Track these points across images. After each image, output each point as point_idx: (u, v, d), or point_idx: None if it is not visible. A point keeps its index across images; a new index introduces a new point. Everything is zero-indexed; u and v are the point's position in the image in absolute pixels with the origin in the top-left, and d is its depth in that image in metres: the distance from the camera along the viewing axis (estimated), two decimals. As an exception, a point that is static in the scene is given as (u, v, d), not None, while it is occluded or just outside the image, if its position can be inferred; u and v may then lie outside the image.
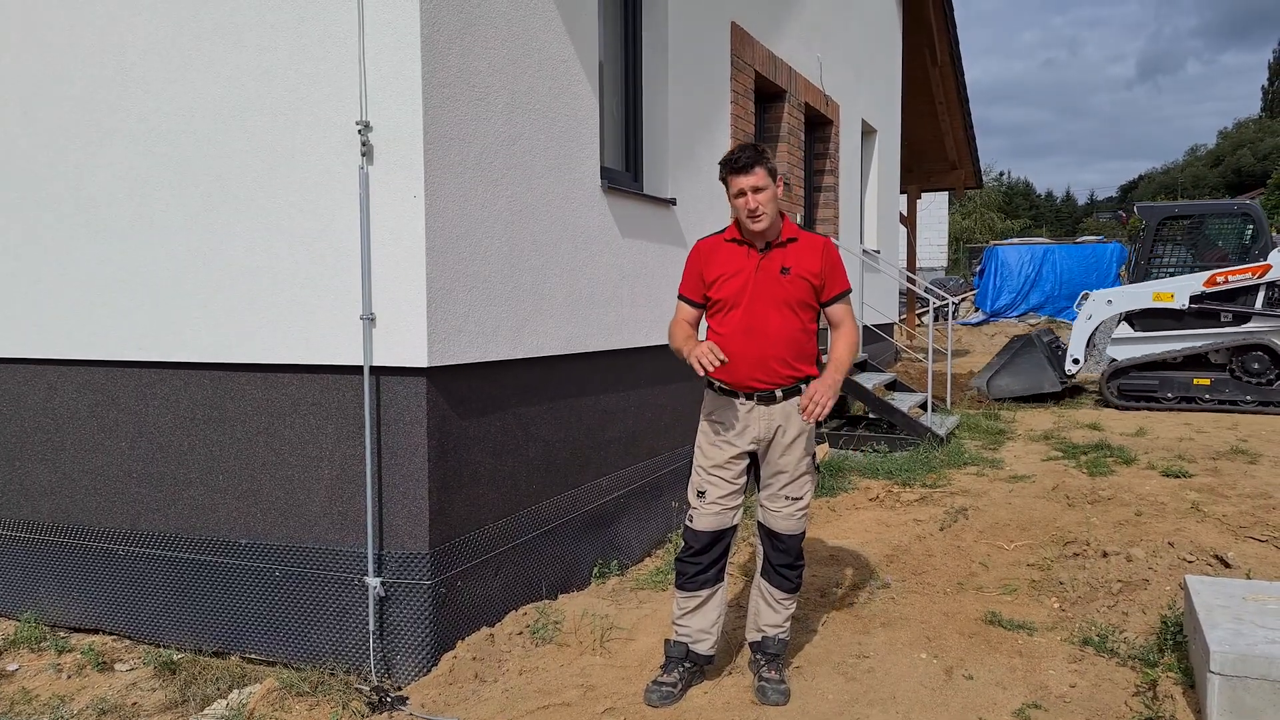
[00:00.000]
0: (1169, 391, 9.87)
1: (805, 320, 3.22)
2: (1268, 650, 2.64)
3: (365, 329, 3.48)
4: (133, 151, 3.91)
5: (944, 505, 5.74)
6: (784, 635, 3.36)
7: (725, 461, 3.23)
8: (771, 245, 3.20)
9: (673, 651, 3.31)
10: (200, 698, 3.49)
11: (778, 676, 3.28)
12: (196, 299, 3.82)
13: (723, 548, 3.27)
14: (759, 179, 3.10)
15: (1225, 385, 9.65)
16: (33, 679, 3.77)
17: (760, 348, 3.16)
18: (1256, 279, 9.48)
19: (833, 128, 9.22)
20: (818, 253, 3.21)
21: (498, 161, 3.84)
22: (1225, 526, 4.99)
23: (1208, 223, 10.29)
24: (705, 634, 3.30)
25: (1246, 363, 9.55)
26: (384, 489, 3.57)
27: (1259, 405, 9.48)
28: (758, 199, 3.09)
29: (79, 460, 4.18)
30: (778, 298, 3.17)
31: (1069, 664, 3.48)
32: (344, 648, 3.66)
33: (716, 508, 3.23)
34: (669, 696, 3.21)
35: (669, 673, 3.29)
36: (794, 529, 3.28)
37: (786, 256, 3.18)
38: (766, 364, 3.17)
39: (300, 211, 3.58)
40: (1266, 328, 9.51)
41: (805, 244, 3.22)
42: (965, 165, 15.64)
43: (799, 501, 3.26)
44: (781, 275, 3.16)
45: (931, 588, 4.36)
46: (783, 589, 3.31)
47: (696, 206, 5.99)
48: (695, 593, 3.26)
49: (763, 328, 3.16)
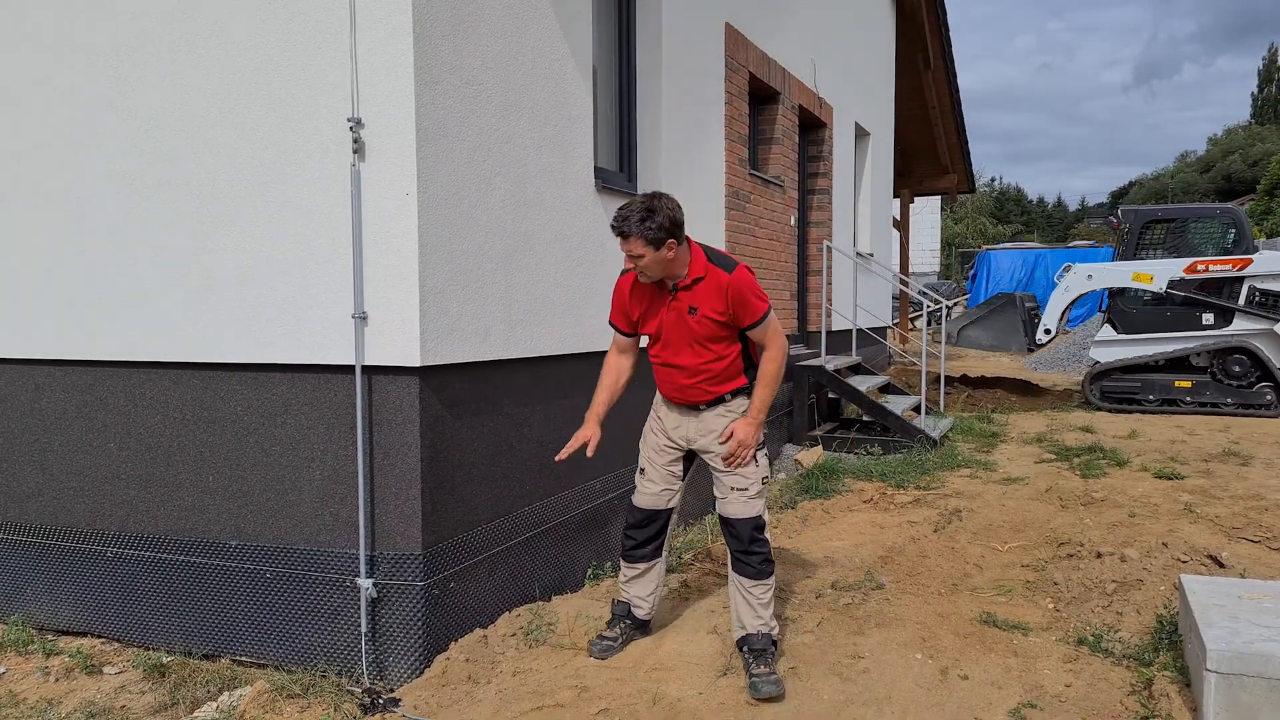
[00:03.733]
0: (1150, 394, 9.93)
1: (720, 350, 3.37)
2: (1264, 648, 2.63)
3: (357, 327, 3.45)
4: (120, 149, 3.88)
5: (938, 507, 5.73)
6: (766, 630, 3.41)
7: (661, 448, 3.57)
8: (678, 287, 3.31)
9: (617, 610, 3.72)
10: (190, 700, 3.45)
11: (767, 670, 3.30)
12: (185, 298, 3.79)
13: (658, 527, 3.60)
14: (633, 248, 3.19)
15: (1206, 388, 9.71)
16: (20, 682, 3.73)
17: (678, 378, 3.43)
18: (1236, 271, 9.51)
19: (826, 130, 9.23)
20: (721, 293, 3.28)
21: (491, 160, 3.82)
22: (1218, 527, 4.99)
23: (1191, 226, 10.35)
24: (643, 601, 3.68)
25: (1228, 365, 9.61)
26: (376, 489, 3.54)
27: (1240, 408, 9.54)
28: (638, 264, 3.23)
29: (67, 461, 4.14)
30: (688, 336, 3.34)
31: (1064, 664, 3.47)
32: (336, 650, 3.62)
33: (655, 488, 3.58)
34: (609, 649, 3.60)
35: (612, 629, 3.68)
36: (742, 513, 3.42)
37: (694, 297, 3.30)
38: (684, 391, 3.44)
39: (291, 209, 3.56)
40: (1247, 330, 9.56)
41: (711, 283, 3.29)
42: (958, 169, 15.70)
43: (745, 491, 3.42)
44: (690, 315, 3.30)
45: (926, 589, 4.35)
46: (746, 575, 3.43)
47: (690, 207, 5.97)
48: (635, 564, 3.65)
49: (678, 362, 3.39)
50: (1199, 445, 7.75)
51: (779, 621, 3.91)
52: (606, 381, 3.55)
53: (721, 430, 3.42)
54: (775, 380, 3.38)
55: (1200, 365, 9.81)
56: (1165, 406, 9.86)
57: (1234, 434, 8.34)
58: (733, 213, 6.70)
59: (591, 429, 3.49)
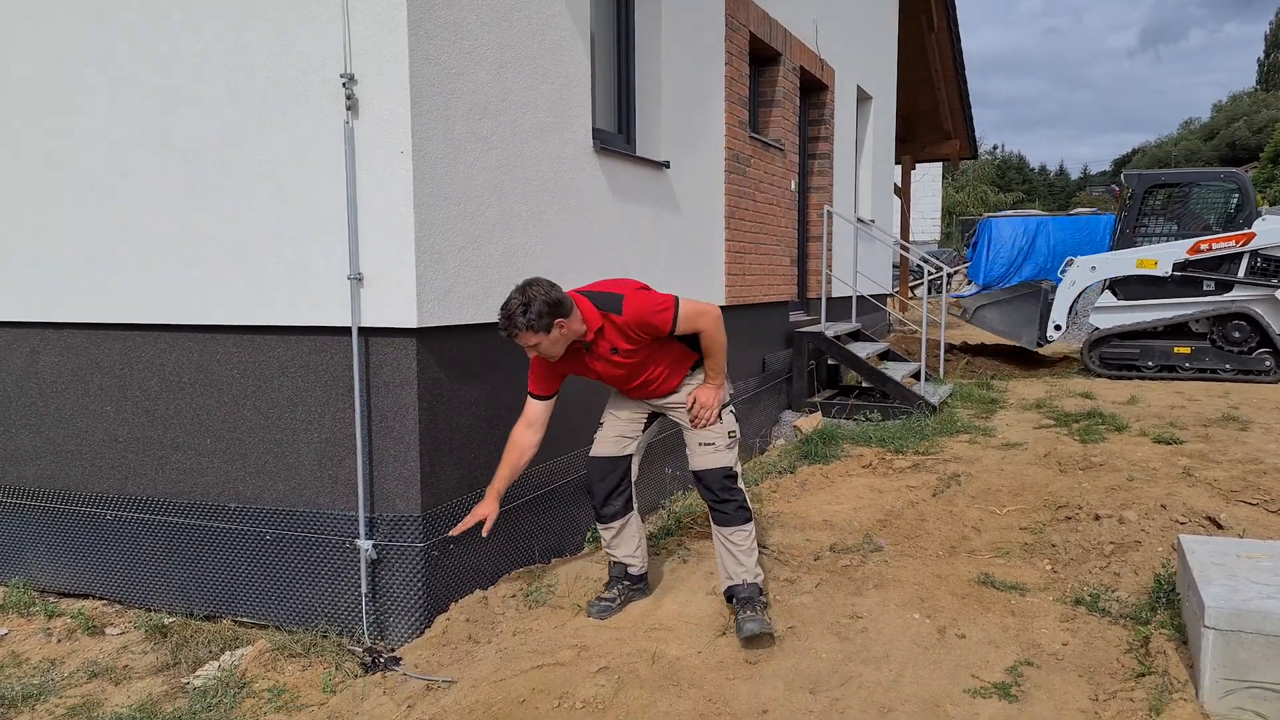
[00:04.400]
0: (1150, 360, 9.92)
1: (659, 359, 3.47)
2: (1262, 605, 2.64)
3: (353, 289, 3.42)
4: (112, 108, 3.82)
5: (936, 472, 5.74)
6: (751, 578, 3.49)
7: (623, 403, 3.67)
8: (588, 345, 3.36)
9: (614, 571, 3.76)
10: (192, 660, 3.47)
11: (753, 613, 3.37)
12: (179, 259, 3.75)
13: (618, 477, 3.66)
14: (527, 341, 3.21)
15: (1205, 354, 9.70)
16: (23, 643, 3.75)
17: (636, 394, 3.61)
18: (1240, 247, 9.47)
19: (828, 93, 9.13)
20: (624, 334, 3.34)
21: (487, 118, 3.76)
22: (1217, 491, 5.00)
23: (1194, 191, 10.26)
24: (631, 558, 3.72)
25: (1227, 331, 9.60)
26: (374, 452, 3.53)
27: (1238, 373, 9.53)
28: (538, 352, 3.27)
29: (64, 424, 4.13)
30: (624, 369, 3.44)
31: (1061, 623, 3.49)
32: (336, 610, 3.64)
33: (611, 433, 3.66)
34: (607, 610, 3.62)
35: (609, 589, 3.73)
36: (709, 464, 3.53)
37: (607, 343, 3.36)
38: (646, 395, 3.59)
39: (284, 168, 3.51)
40: (1248, 296, 9.52)
41: (610, 330, 3.33)
42: (960, 135, 15.57)
43: (712, 445, 3.53)
44: (615, 355, 3.38)
45: (924, 551, 4.36)
46: (723, 523, 3.53)
47: (690, 170, 5.93)
48: (609, 524, 3.69)
49: (631, 386, 3.54)
50: (1198, 411, 7.75)
51: (779, 584, 3.93)
52: (511, 458, 3.53)
53: (685, 396, 3.55)
54: (720, 348, 3.44)
55: (1200, 331, 9.79)
56: (1164, 373, 9.86)
57: (1233, 399, 8.33)
58: (732, 176, 6.64)
59: (490, 506, 3.51)
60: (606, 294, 3.34)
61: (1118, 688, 2.93)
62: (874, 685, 3.02)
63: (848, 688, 3.02)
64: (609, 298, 3.31)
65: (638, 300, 3.30)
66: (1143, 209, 10.28)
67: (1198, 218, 10.13)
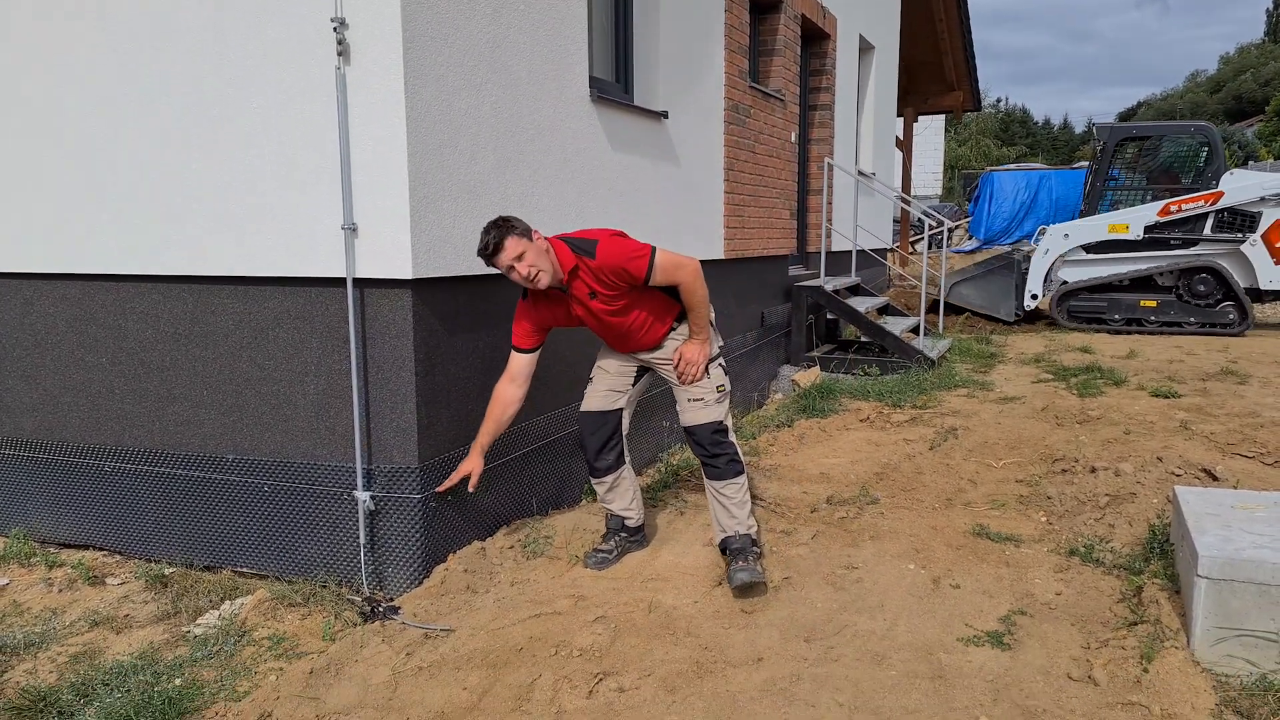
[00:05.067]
0: (1116, 313, 10.07)
1: (641, 304, 3.42)
2: (1255, 555, 2.65)
3: (347, 239, 3.38)
4: (100, 57, 3.74)
5: (934, 426, 5.75)
6: (744, 530, 3.52)
7: (611, 358, 3.66)
8: (565, 286, 3.31)
9: (610, 524, 3.78)
10: (193, 609, 3.50)
11: (745, 563, 3.41)
12: (171, 209, 3.70)
13: (609, 430, 3.65)
14: (513, 250, 3.16)
15: (1171, 307, 9.85)
16: (24, 593, 3.77)
17: (619, 345, 3.59)
18: (1209, 206, 9.58)
19: (830, 42, 8.97)
20: (598, 278, 3.30)
21: (481, 65, 3.69)
22: (1213, 444, 5.01)
23: (1164, 144, 10.35)
24: (627, 510, 3.75)
25: (1193, 285, 9.74)
26: (371, 403, 3.53)
27: (1203, 326, 9.69)
28: (526, 265, 3.18)
29: (60, 376, 4.12)
30: (605, 314, 3.40)
31: (1055, 573, 3.52)
32: (335, 560, 3.66)
33: (601, 388, 3.65)
34: (604, 561, 3.66)
35: (606, 541, 3.76)
36: (698, 420, 3.55)
37: (583, 285, 3.32)
38: (630, 346, 3.57)
39: (276, 116, 3.45)
40: (1214, 251, 9.66)
41: (585, 272, 3.29)
42: (963, 87, 15.34)
43: (701, 400, 3.54)
44: (593, 300, 3.35)
45: (920, 503, 4.38)
46: (715, 477, 3.56)
47: (688, 120, 5.84)
48: (602, 478, 3.69)
49: (612, 335, 3.53)
50: (1197, 364, 7.75)
51: (776, 535, 3.95)
52: (494, 413, 3.52)
53: (672, 352, 3.55)
54: (701, 302, 3.40)
55: (1166, 285, 9.93)
56: (1131, 325, 10.03)
57: (1232, 354, 8.33)
58: (732, 127, 6.55)
59: (475, 461, 3.53)
60: (581, 239, 3.32)
61: (1110, 636, 2.96)
62: (868, 634, 3.05)
63: (842, 636, 3.05)
64: (584, 242, 3.30)
65: (612, 246, 3.28)
66: (1113, 162, 10.36)
67: (1167, 171, 10.24)
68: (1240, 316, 9.59)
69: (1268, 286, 9.49)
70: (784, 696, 2.68)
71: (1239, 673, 2.65)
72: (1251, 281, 9.56)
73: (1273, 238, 9.37)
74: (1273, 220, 9.37)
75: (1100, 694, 2.64)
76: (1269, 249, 9.41)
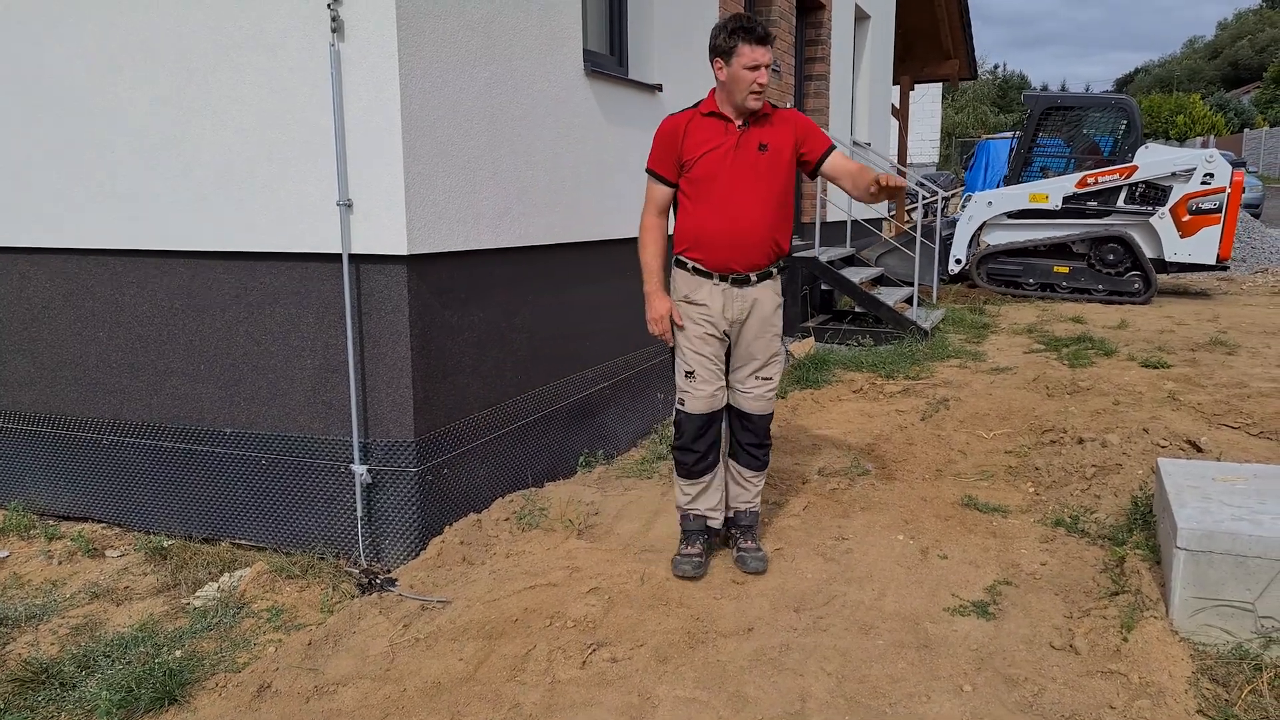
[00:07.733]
0: (1031, 278, 10.46)
1: (784, 197, 3.24)
2: (1232, 527, 2.71)
3: (342, 215, 3.40)
4: (95, 29, 3.72)
5: (926, 396, 5.80)
6: (754, 508, 3.51)
7: (705, 337, 3.24)
8: (750, 123, 3.17)
9: (692, 526, 3.42)
10: (192, 581, 3.55)
11: (754, 545, 3.44)
12: (165, 184, 3.70)
13: (716, 430, 3.34)
14: (771, 55, 3.07)
15: (1082, 274, 10.21)
16: (24, 565, 3.82)
17: (739, 229, 3.15)
18: (1124, 180, 9.93)
19: (825, 12, 8.90)
20: (789, 123, 3.21)
21: (475, 40, 3.68)
22: (1200, 414, 5.07)
23: (1087, 116, 10.67)
24: (714, 511, 3.44)
25: (1103, 254, 10.08)
26: (367, 378, 3.56)
27: (1110, 294, 10.05)
28: (764, 73, 3.06)
29: (57, 350, 4.14)
30: (756, 175, 3.15)
31: (1041, 544, 3.58)
32: (333, 533, 3.71)
33: (709, 388, 3.26)
34: (700, 566, 3.34)
35: (692, 545, 3.40)
36: (764, 409, 3.38)
37: (764, 133, 3.17)
38: (745, 245, 3.18)
39: (271, 92, 3.44)
40: (1125, 221, 10.00)
41: (777, 119, 3.20)
42: (960, 55, 15.22)
43: (770, 382, 3.35)
44: (760, 152, 3.14)
45: (911, 474, 4.44)
46: (752, 468, 3.46)
47: (683, 93, 5.81)
48: (699, 479, 3.37)
49: (741, 207, 3.14)
50: (1187, 335, 7.81)
51: (767, 507, 4.01)
52: (662, 243, 3.22)
53: (771, 309, 3.28)
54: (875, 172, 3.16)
55: (1079, 253, 10.25)
56: (1044, 290, 10.40)
57: (1223, 324, 8.39)
58: (726, 98, 6.51)
59: (667, 299, 3.27)
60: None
61: (1091, 606, 3.03)
62: (856, 604, 3.12)
63: (831, 606, 3.11)
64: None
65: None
66: (1038, 130, 10.67)
67: (1088, 140, 10.55)
68: (1144, 286, 9.94)
69: (1172, 258, 9.85)
70: (773, 666, 2.74)
71: (1215, 642, 2.72)
72: (1158, 252, 9.91)
73: (1180, 211, 9.72)
74: (1180, 195, 9.71)
75: (1081, 662, 2.71)
76: (1176, 222, 9.76)
